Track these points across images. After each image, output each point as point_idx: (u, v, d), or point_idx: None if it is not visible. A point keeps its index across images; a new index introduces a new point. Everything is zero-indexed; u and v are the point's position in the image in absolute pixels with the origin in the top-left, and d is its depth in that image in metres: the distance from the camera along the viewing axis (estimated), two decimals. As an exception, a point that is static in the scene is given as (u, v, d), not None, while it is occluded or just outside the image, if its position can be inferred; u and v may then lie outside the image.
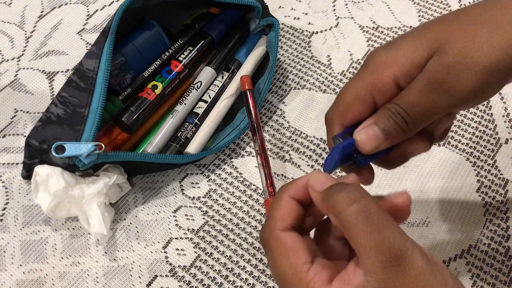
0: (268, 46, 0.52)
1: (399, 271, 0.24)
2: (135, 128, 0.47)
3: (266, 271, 0.44)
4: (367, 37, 0.57)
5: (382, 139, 0.29)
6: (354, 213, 0.25)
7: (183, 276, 0.43)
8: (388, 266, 0.24)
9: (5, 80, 0.54)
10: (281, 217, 0.28)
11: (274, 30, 0.50)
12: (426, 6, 0.59)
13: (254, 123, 0.48)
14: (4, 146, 0.50)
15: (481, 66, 0.27)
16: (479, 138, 0.50)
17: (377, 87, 0.29)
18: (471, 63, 0.27)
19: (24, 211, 0.46)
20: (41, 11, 0.59)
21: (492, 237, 0.45)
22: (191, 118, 0.49)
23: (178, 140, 0.47)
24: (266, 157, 0.47)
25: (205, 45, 0.51)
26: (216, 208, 0.47)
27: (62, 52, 0.56)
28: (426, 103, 0.28)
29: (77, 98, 0.43)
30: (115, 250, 0.45)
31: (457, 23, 0.28)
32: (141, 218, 0.46)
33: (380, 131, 0.29)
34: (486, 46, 0.27)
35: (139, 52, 0.48)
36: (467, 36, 0.28)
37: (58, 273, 0.43)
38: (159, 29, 0.49)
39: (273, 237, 0.28)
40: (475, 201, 0.47)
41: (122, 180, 0.44)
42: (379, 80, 0.29)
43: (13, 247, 0.45)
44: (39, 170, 0.42)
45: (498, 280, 0.43)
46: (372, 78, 0.29)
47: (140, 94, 0.47)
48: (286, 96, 0.53)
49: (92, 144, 0.40)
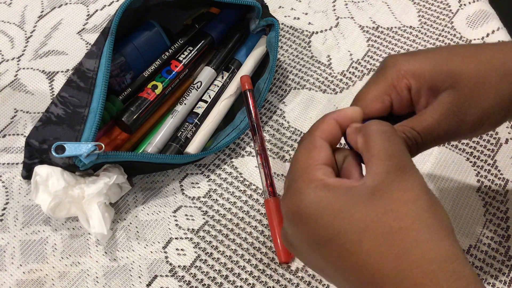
0: (268, 46, 0.52)
1: (397, 179, 0.27)
2: (135, 128, 0.47)
3: (266, 271, 0.44)
4: (367, 37, 0.57)
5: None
6: (380, 131, 0.29)
7: (183, 276, 0.43)
8: (391, 172, 0.27)
9: (5, 80, 0.54)
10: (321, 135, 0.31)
11: (274, 30, 0.50)
12: (426, 6, 0.59)
13: (254, 123, 0.48)
14: (4, 146, 0.50)
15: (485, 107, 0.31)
16: (479, 138, 0.50)
17: (395, 91, 0.33)
18: (477, 104, 0.31)
19: (24, 211, 0.46)
20: (41, 11, 0.59)
21: (492, 237, 0.45)
22: (191, 118, 0.49)
23: (178, 140, 0.47)
24: (266, 157, 0.47)
25: (205, 45, 0.51)
26: (216, 208, 0.47)
27: (62, 52, 0.56)
28: (440, 131, 0.32)
29: (77, 98, 0.43)
30: (115, 250, 0.45)
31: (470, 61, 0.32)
32: (141, 218, 0.46)
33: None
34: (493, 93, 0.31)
35: (139, 52, 0.48)
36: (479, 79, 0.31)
37: (58, 273, 0.43)
38: (159, 29, 0.49)
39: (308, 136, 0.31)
40: (475, 201, 0.47)
41: (122, 180, 0.44)
42: (397, 85, 0.33)
43: (13, 247, 0.45)
44: (39, 170, 0.42)
45: (498, 280, 0.43)
46: (391, 82, 0.33)
47: (140, 94, 0.47)
48: (286, 96, 0.53)
49: (92, 144, 0.40)
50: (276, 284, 0.43)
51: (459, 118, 0.31)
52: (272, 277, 0.43)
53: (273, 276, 0.43)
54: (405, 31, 0.57)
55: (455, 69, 0.31)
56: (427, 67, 0.32)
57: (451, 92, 0.31)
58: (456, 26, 0.58)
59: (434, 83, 0.31)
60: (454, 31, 0.57)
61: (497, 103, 0.31)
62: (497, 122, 0.33)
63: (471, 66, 0.31)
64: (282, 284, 0.43)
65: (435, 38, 0.57)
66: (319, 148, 0.30)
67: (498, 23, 0.57)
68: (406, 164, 0.28)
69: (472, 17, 0.58)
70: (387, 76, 0.33)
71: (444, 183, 0.47)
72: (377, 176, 0.27)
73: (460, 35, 0.57)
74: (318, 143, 0.30)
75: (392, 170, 0.27)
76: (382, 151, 0.28)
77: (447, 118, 0.31)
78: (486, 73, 0.31)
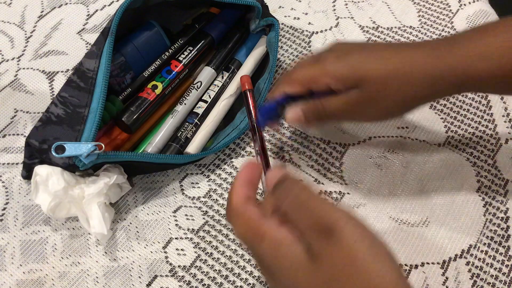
0: (268, 46, 0.52)
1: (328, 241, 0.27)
2: (135, 128, 0.47)
3: (266, 271, 0.44)
4: (367, 37, 0.57)
5: (302, 122, 0.41)
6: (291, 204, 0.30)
7: (183, 276, 0.43)
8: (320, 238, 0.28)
9: (5, 80, 0.54)
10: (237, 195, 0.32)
11: (274, 30, 0.50)
12: (426, 6, 0.59)
13: (254, 123, 0.48)
14: (4, 146, 0.50)
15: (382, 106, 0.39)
16: (479, 138, 0.50)
17: (315, 83, 0.40)
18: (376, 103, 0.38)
19: (24, 211, 0.46)
20: (41, 11, 0.59)
21: (492, 237, 0.45)
22: (191, 118, 0.49)
23: (178, 140, 0.47)
24: (266, 157, 0.47)
25: (205, 45, 0.51)
26: (216, 208, 0.47)
27: (62, 52, 0.56)
28: (338, 111, 0.40)
29: (77, 98, 0.43)
30: (115, 250, 0.45)
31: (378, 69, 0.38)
32: (141, 218, 0.46)
33: (303, 117, 0.41)
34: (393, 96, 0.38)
35: (139, 52, 0.48)
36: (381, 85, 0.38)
37: (58, 273, 0.43)
38: (159, 29, 0.49)
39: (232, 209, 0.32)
40: (475, 201, 0.47)
41: (122, 180, 0.44)
42: (317, 80, 0.39)
43: (13, 247, 0.45)
44: (39, 170, 0.42)
45: (498, 280, 0.43)
46: (316, 74, 0.40)
47: (140, 94, 0.47)
48: (286, 96, 0.53)
49: (92, 144, 0.40)
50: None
51: (359, 110, 0.39)
52: (272, 277, 0.43)
53: (273, 276, 0.43)
54: (405, 31, 0.57)
55: (365, 74, 0.38)
56: (345, 72, 0.38)
57: (358, 91, 0.38)
58: (456, 26, 0.58)
59: (347, 84, 0.38)
60: (454, 31, 0.57)
61: (395, 105, 0.39)
62: (397, 117, 0.43)
63: (379, 72, 0.38)
64: (282, 284, 0.43)
65: (435, 38, 0.57)
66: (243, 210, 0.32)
67: (498, 23, 0.57)
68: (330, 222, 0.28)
69: (472, 17, 0.58)
70: (316, 67, 0.40)
71: (444, 183, 0.47)
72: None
73: (460, 35, 0.57)
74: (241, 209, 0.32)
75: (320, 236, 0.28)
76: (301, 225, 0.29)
77: (349, 108, 0.39)
78: (389, 79, 0.37)
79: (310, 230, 0.28)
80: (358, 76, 0.38)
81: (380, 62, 0.38)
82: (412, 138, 0.50)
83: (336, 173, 0.48)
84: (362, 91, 0.38)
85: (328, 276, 0.27)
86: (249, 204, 0.31)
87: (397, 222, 0.46)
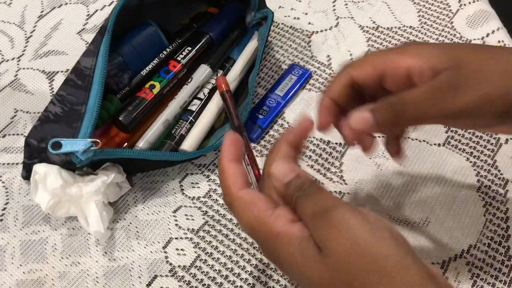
0: (259, 36, 0.51)
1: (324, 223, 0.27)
2: (132, 127, 0.46)
3: (266, 271, 0.43)
4: (367, 37, 0.57)
5: (372, 126, 0.32)
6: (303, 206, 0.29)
7: (183, 276, 0.43)
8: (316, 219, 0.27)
9: (5, 80, 0.54)
10: (232, 181, 0.30)
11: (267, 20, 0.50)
12: (426, 6, 0.59)
13: (236, 125, 0.47)
14: (4, 146, 0.50)
15: (484, 91, 0.30)
16: (479, 138, 0.50)
17: (390, 66, 0.32)
18: (475, 86, 0.30)
19: (24, 211, 0.46)
20: (41, 11, 0.59)
21: (492, 237, 0.45)
22: (185, 116, 0.49)
23: (173, 137, 0.47)
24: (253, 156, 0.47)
25: (204, 45, 0.51)
26: (216, 208, 0.47)
27: (62, 52, 0.56)
28: (423, 104, 0.31)
29: (74, 96, 0.43)
30: (115, 250, 0.45)
31: (476, 52, 0.31)
32: (141, 218, 0.46)
33: (373, 119, 0.32)
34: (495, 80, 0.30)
35: (137, 52, 0.48)
36: (482, 65, 0.30)
37: (58, 273, 0.43)
38: (156, 28, 0.49)
39: (233, 199, 0.30)
40: (475, 201, 0.46)
41: (120, 179, 0.44)
42: (395, 62, 0.32)
43: (13, 247, 0.45)
44: (37, 168, 0.42)
45: (498, 280, 0.43)
46: (392, 58, 0.32)
47: (138, 93, 0.47)
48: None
49: (89, 141, 0.40)
50: (276, 284, 0.43)
51: (449, 97, 0.30)
52: (272, 277, 0.43)
53: (273, 276, 0.43)
54: (405, 31, 0.57)
55: (459, 54, 0.31)
56: (432, 51, 0.31)
57: (449, 72, 0.30)
58: (456, 26, 0.58)
59: (437, 65, 0.31)
60: (454, 31, 0.57)
61: (497, 92, 0.29)
62: (491, 116, 0.30)
63: (475, 53, 0.31)
64: (282, 284, 0.43)
65: (435, 38, 0.57)
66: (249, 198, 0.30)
67: (498, 23, 0.57)
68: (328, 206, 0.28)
69: (472, 17, 0.58)
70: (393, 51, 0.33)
71: (444, 183, 0.47)
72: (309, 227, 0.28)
73: (460, 35, 0.57)
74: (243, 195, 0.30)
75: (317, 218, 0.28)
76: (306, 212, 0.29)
77: (436, 94, 0.30)
78: (488, 61, 0.30)
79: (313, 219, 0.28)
80: (450, 55, 0.31)
81: (476, 48, 0.32)
82: (412, 138, 0.50)
83: (336, 173, 0.48)
84: (457, 70, 0.30)
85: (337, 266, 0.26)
86: (254, 194, 0.30)
87: (397, 222, 0.46)
